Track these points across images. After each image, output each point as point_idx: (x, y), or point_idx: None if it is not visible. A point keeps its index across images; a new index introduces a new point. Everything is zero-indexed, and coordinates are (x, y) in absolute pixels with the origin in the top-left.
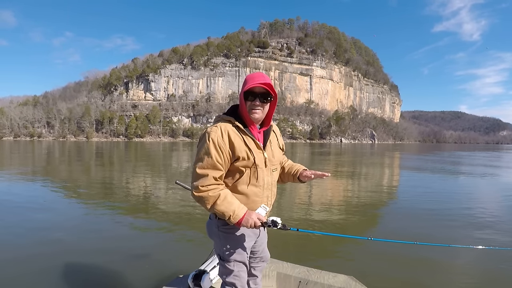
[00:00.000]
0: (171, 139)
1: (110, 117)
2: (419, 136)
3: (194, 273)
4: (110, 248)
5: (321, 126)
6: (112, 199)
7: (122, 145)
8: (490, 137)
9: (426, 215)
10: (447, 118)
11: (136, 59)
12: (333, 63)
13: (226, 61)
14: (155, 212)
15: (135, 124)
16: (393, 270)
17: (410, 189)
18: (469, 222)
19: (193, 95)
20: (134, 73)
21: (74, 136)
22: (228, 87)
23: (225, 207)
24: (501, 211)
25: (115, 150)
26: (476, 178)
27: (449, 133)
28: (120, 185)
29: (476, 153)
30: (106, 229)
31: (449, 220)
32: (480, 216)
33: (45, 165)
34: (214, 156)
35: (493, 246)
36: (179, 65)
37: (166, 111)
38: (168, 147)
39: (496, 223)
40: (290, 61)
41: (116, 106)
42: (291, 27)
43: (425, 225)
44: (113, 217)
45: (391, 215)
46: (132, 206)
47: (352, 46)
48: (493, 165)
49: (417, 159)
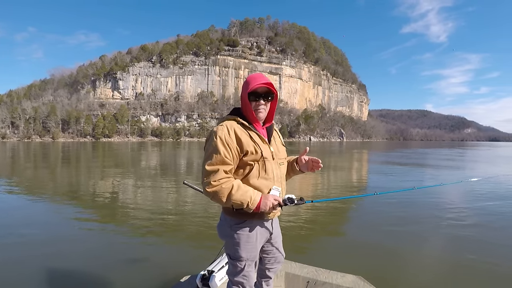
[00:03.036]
0: (139, 138)
1: (76, 116)
2: (386, 134)
3: (202, 273)
4: (103, 253)
5: (290, 125)
6: (87, 205)
7: (89, 146)
8: (455, 135)
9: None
10: (413, 116)
11: (103, 56)
12: (302, 62)
13: (196, 59)
14: (150, 216)
15: (102, 124)
16: (402, 270)
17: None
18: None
19: (161, 94)
20: (102, 70)
21: (40, 136)
22: (197, 85)
23: (240, 195)
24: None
25: (82, 151)
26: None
27: (415, 131)
28: (91, 190)
29: (439, 150)
30: (91, 237)
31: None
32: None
33: (10, 170)
34: (223, 152)
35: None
36: (147, 63)
37: (134, 110)
38: (136, 147)
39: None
40: (260, 60)
41: (83, 105)
42: (261, 26)
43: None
44: (93, 224)
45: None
46: (114, 212)
47: (321, 45)
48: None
49: (383, 155)
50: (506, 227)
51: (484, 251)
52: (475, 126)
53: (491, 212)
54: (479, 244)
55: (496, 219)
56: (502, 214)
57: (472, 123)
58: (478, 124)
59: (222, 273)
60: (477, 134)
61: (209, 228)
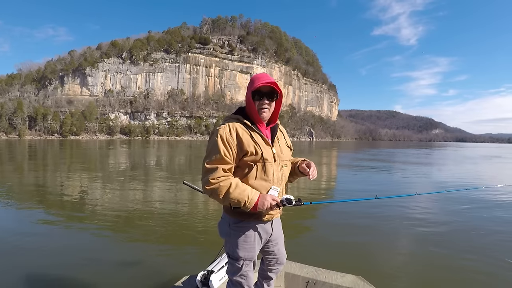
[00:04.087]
0: (108, 136)
1: (44, 113)
2: (355, 134)
3: (202, 273)
4: (102, 254)
5: None
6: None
7: (57, 144)
8: (423, 135)
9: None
10: (382, 117)
11: (73, 52)
12: (273, 62)
13: (166, 56)
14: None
15: (70, 121)
16: (401, 270)
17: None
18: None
19: (131, 91)
20: (71, 66)
21: (6, 134)
22: (168, 83)
23: (238, 193)
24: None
25: (49, 149)
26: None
27: (384, 131)
28: (68, 192)
29: (404, 150)
30: (84, 240)
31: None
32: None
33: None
34: (222, 150)
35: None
36: (117, 59)
37: (103, 107)
38: (105, 145)
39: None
40: (231, 58)
41: (51, 102)
42: (233, 24)
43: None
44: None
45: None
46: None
47: (293, 45)
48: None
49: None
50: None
51: (486, 255)
52: (443, 127)
53: (494, 219)
54: (480, 248)
55: (495, 226)
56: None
57: (440, 124)
58: (445, 125)
59: (222, 273)
60: (444, 135)
61: (209, 228)
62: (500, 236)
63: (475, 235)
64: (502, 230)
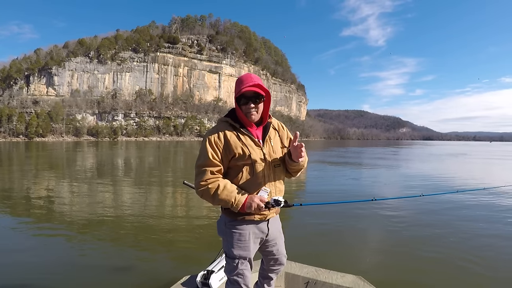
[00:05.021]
0: (74, 138)
1: (9, 114)
2: (324, 133)
3: (202, 273)
4: (101, 256)
5: None
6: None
7: (23, 146)
8: (391, 134)
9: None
10: (350, 116)
11: (39, 50)
12: (242, 61)
13: (135, 55)
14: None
15: (36, 123)
16: (402, 270)
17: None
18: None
19: (98, 91)
20: (37, 65)
21: None
22: (136, 83)
23: (225, 195)
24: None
25: (14, 152)
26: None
27: (352, 130)
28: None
29: (370, 149)
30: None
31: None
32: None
33: None
34: (210, 153)
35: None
36: (85, 58)
37: (70, 108)
38: (72, 147)
39: None
40: (200, 58)
41: (16, 102)
42: (202, 23)
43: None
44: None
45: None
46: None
47: (262, 45)
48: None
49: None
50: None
51: (490, 258)
52: (410, 126)
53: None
54: (483, 250)
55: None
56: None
57: (407, 123)
58: (412, 124)
59: (221, 273)
60: (411, 134)
61: (209, 228)
62: None
63: (479, 237)
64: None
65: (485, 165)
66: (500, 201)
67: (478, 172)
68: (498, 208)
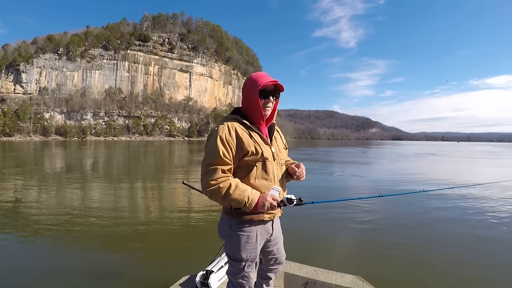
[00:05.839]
0: (42, 137)
1: None
2: (294, 133)
3: (202, 273)
4: (100, 256)
5: (200, 124)
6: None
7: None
8: (360, 134)
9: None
10: (321, 116)
11: (6, 46)
12: (213, 61)
13: (105, 53)
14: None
15: (2, 121)
16: (401, 270)
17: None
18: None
19: (67, 89)
20: (3, 61)
21: None
22: (105, 81)
23: (238, 194)
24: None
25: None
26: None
27: (322, 130)
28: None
29: (338, 149)
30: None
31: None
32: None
33: None
34: (221, 151)
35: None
36: (53, 54)
37: (38, 106)
38: (39, 147)
39: None
40: (171, 56)
41: None
42: (174, 22)
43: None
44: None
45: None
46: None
47: (233, 45)
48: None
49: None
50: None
51: (494, 258)
52: (380, 126)
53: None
54: (486, 247)
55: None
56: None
57: (377, 123)
58: (382, 125)
59: (221, 273)
60: (381, 134)
61: (209, 228)
62: None
63: (478, 236)
64: None
65: (454, 163)
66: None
67: (479, 171)
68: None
